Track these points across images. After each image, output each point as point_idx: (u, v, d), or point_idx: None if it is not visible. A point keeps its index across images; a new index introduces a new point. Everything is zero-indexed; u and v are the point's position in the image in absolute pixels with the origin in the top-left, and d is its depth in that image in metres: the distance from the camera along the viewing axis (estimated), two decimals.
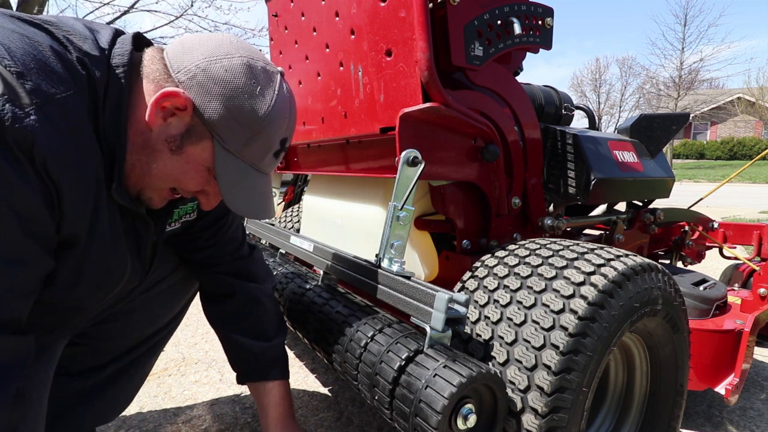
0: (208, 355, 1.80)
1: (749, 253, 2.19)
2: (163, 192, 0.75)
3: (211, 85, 0.66)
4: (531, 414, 0.72)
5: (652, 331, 0.98)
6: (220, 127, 0.68)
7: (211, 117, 0.67)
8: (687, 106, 24.45)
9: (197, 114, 0.67)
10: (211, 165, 0.71)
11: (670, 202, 1.86)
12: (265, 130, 0.71)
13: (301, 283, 1.21)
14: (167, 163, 0.70)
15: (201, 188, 0.76)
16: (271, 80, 0.72)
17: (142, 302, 1.00)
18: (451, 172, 1.05)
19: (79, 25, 0.67)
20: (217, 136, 0.68)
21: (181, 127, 0.68)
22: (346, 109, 1.15)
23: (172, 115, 0.67)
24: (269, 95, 0.70)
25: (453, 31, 0.96)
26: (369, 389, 0.81)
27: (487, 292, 0.87)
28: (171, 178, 0.72)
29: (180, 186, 0.74)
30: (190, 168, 0.71)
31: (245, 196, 0.75)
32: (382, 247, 0.91)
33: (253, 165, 0.74)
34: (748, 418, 1.44)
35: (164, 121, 0.67)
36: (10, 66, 0.54)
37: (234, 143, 0.70)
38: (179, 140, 0.68)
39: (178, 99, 0.65)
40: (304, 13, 1.28)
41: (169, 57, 0.68)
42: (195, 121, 0.68)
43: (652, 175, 1.52)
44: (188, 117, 0.67)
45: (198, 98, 0.66)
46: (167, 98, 0.65)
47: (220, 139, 0.69)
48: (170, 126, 0.67)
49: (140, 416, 1.35)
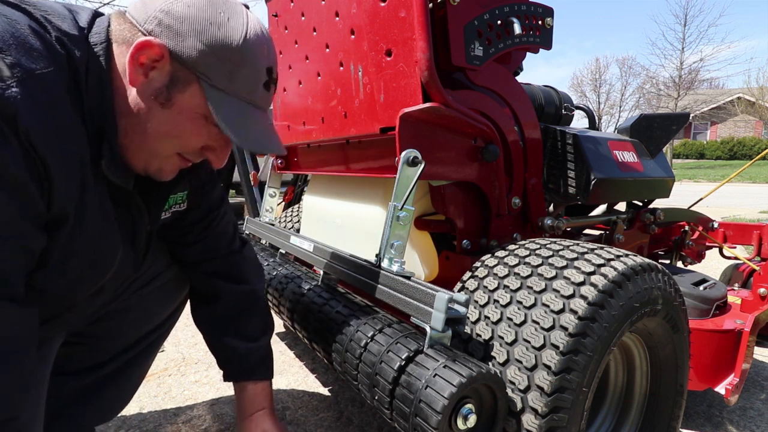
0: (208, 355, 1.79)
1: (749, 253, 2.19)
2: (170, 159, 0.74)
3: (179, 24, 0.65)
4: (531, 414, 0.72)
5: (652, 331, 0.98)
6: (201, 65, 0.66)
7: (189, 56, 0.65)
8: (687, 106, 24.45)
9: (175, 58, 0.65)
10: (205, 110, 0.69)
11: (670, 202, 1.86)
12: (246, 58, 0.69)
13: (301, 283, 1.21)
14: (161, 120, 0.68)
15: (204, 142, 0.74)
16: (237, 9, 0.70)
17: (137, 300, 1.00)
18: (451, 172, 1.05)
19: (59, 6, 0.67)
20: (201, 74, 0.67)
21: (163, 78, 0.66)
22: (346, 109, 1.15)
23: (152, 69, 0.65)
24: (239, 22, 0.68)
25: (453, 31, 0.96)
26: (369, 389, 0.81)
27: (487, 292, 0.87)
28: (171, 136, 0.70)
29: (182, 144, 0.72)
30: (185, 119, 0.69)
31: (250, 132, 0.72)
32: (382, 247, 0.91)
33: (246, 100, 0.72)
34: (748, 418, 1.44)
35: (146, 78, 0.65)
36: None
37: (220, 79, 0.68)
38: (166, 91, 0.67)
39: (152, 49, 0.64)
40: (304, 13, 1.28)
41: (131, 14, 0.67)
42: (175, 66, 0.66)
43: (652, 175, 1.52)
44: (167, 65, 0.66)
45: (170, 42, 0.65)
46: (141, 51, 0.64)
47: (205, 77, 0.67)
48: (153, 80, 0.66)
49: (140, 416, 1.35)
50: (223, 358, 1.08)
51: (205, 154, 0.76)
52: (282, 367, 1.71)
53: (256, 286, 1.11)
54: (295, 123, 1.43)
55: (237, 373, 1.06)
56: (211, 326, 1.08)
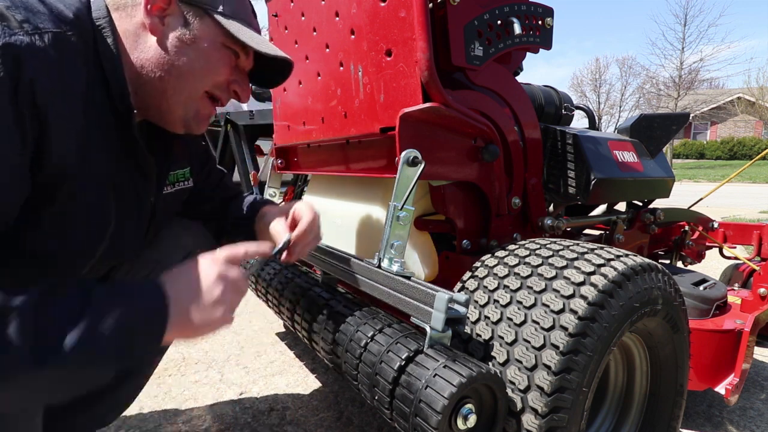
0: (208, 355, 1.80)
1: (749, 253, 2.19)
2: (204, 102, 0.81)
3: None
4: (531, 414, 0.72)
5: (652, 331, 0.98)
6: None
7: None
8: (687, 106, 24.46)
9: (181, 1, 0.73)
10: (223, 37, 0.77)
11: (670, 202, 1.86)
12: None
13: (301, 283, 1.21)
14: (191, 56, 0.75)
15: (229, 74, 0.81)
16: None
17: None
18: (451, 172, 1.05)
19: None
20: (209, 7, 0.75)
21: (179, 19, 0.73)
22: (346, 109, 1.15)
23: (165, 15, 0.72)
24: None
25: (453, 31, 0.96)
26: (369, 389, 0.81)
27: (487, 292, 0.87)
28: (202, 71, 0.77)
29: (213, 78, 0.79)
30: (209, 50, 0.76)
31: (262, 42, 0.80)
32: (382, 247, 0.91)
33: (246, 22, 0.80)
34: (748, 418, 1.44)
35: (163, 24, 0.72)
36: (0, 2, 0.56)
37: (225, 7, 0.76)
38: (186, 30, 0.74)
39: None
40: (304, 13, 1.28)
41: None
42: (183, 7, 0.74)
43: (652, 175, 1.52)
44: (176, 7, 0.73)
45: None
46: (150, 2, 0.70)
47: (212, 8, 0.75)
48: (169, 25, 0.73)
49: (140, 416, 1.35)
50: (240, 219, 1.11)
51: (232, 88, 0.84)
52: (282, 367, 1.71)
53: None
54: (295, 123, 1.43)
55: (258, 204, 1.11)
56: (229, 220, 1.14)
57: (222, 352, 1.84)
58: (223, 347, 1.89)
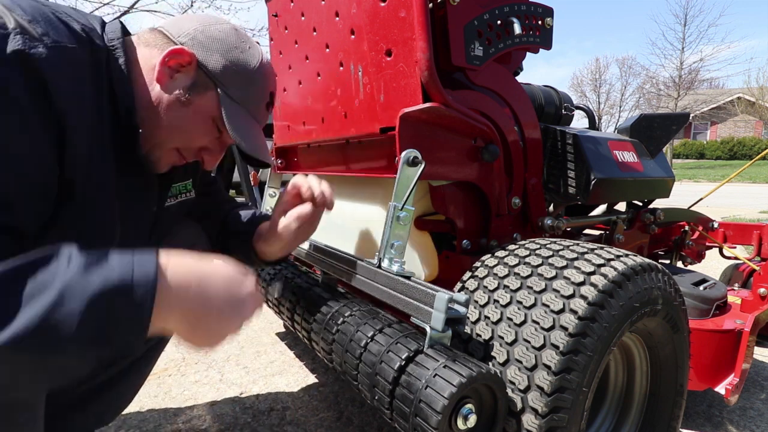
0: (208, 355, 1.80)
1: (749, 253, 2.19)
2: (170, 153, 0.81)
3: (210, 42, 0.77)
4: (531, 414, 0.72)
5: (652, 331, 0.98)
6: (223, 77, 0.78)
7: (214, 68, 0.77)
8: (687, 106, 24.45)
9: (201, 67, 0.76)
10: (216, 114, 0.79)
11: (670, 202, 1.86)
12: (257, 79, 0.82)
13: (301, 283, 1.21)
14: (177, 115, 0.77)
15: (206, 143, 0.83)
16: (254, 43, 0.84)
17: None
18: (451, 172, 1.05)
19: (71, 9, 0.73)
20: (220, 84, 0.78)
21: (187, 80, 0.76)
22: (346, 109, 1.15)
23: (178, 71, 0.75)
24: (257, 51, 0.83)
25: (453, 31, 0.96)
26: (369, 389, 0.81)
27: (487, 292, 0.87)
28: (179, 132, 0.79)
29: (186, 142, 0.81)
30: (198, 119, 0.78)
31: (251, 140, 0.82)
32: (382, 247, 0.91)
33: (251, 113, 0.83)
34: (748, 418, 1.44)
35: (171, 78, 0.75)
36: (22, 15, 0.59)
37: (235, 91, 0.79)
38: (187, 92, 0.76)
39: (184, 55, 0.74)
40: (304, 13, 1.28)
41: (166, 28, 0.78)
42: (199, 73, 0.77)
43: (652, 175, 1.52)
44: (193, 71, 0.76)
45: (200, 53, 0.76)
46: (173, 56, 0.74)
47: (223, 86, 0.78)
48: (177, 80, 0.75)
49: (140, 416, 1.35)
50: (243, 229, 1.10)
51: (201, 154, 0.85)
52: (282, 367, 1.71)
53: None
54: (295, 123, 1.43)
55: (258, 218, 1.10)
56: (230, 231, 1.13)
57: (222, 352, 1.84)
58: (222, 347, 1.89)
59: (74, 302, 0.48)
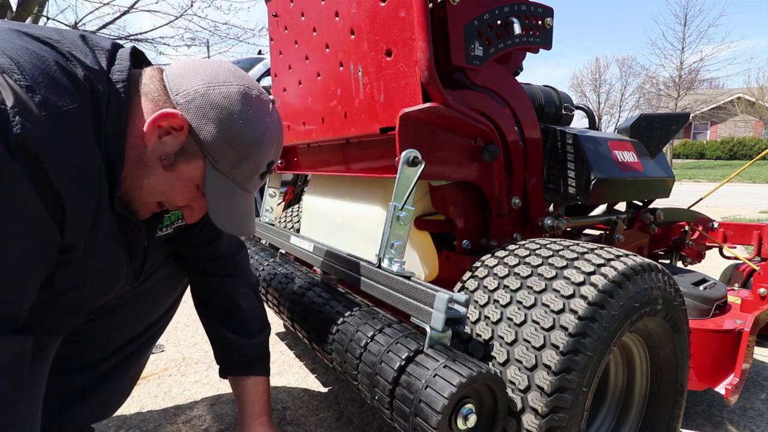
0: (208, 355, 1.80)
1: (749, 253, 2.19)
2: (149, 206, 0.79)
3: (209, 109, 0.70)
4: (531, 414, 0.72)
5: (652, 331, 0.98)
6: (213, 149, 0.72)
7: (205, 139, 0.71)
8: (687, 106, 24.44)
9: (192, 134, 0.71)
10: (200, 182, 0.75)
11: (670, 202, 1.86)
12: (255, 153, 0.76)
13: (301, 283, 1.21)
14: (159, 179, 0.73)
15: (187, 203, 0.80)
16: (264, 108, 0.77)
17: (132, 298, 1.00)
18: (451, 172, 1.05)
19: (78, 40, 0.69)
20: (210, 156, 0.73)
21: (175, 146, 0.71)
22: (346, 109, 1.15)
23: (168, 134, 0.70)
24: (262, 123, 0.75)
25: (453, 31, 0.96)
26: (369, 389, 0.81)
27: (487, 292, 0.87)
28: (160, 193, 0.75)
29: (168, 200, 0.78)
30: (180, 184, 0.75)
31: (229, 213, 0.79)
32: (382, 247, 0.91)
33: (240, 185, 0.78)
34: (748, 418, 1.44)
35: (159, 139, 0.70)
36: (20, 80, 0.56)
37: (225, 164, 0.74)
38: (173, 158, 0.72)
39: (176, 120, 0.69)
40: (304, 13, 1.28)
41: (168, 79, 0.72)
42: (189, 141, 0.71)
43: (652, 175, 1.52)
44: (183, 137, 0.71)
45: (195, 120, 0.70)
46: (165, 118, 0.69)
47: (212, 159, 0.73)
48: (165, 144, 0.71)
49: (140, 416, 1.35)
50: (222, 351, 1.10)
51: (183, 209, 0.82)
52: (282, 367, 1.71)
53: (253, 285, 1.15)
54: (295, 123, 1.43)
55: (235, 367, 1.08)
56: (211, 319, 1.11)
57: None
58: None
59: None
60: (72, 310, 0.80)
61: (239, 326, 1.09)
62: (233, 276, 1.10)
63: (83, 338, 0.99)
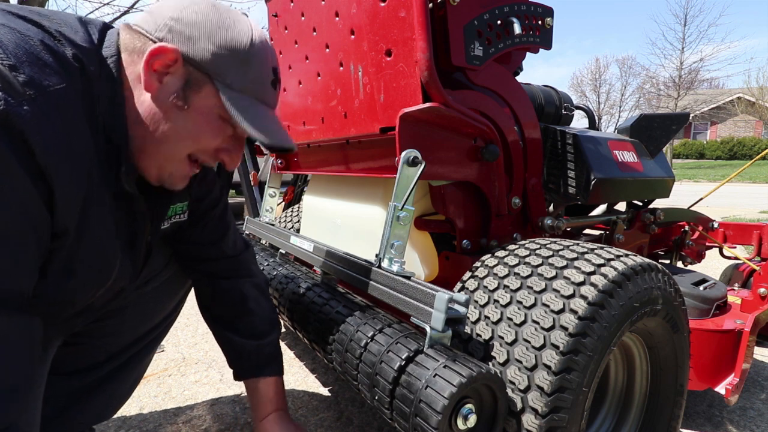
0: (208, 355, 1.80)
1: (749, 253, 2.19)
2: (182, 164, 0.75)
3: (190, 29, 0.67)
4: (531, 414, 0.72)
5: (652, 331, 0.98)
6: (214, 65, 0.69)
7: (202, 58, 0.68)
8: (687, 106, 24.45)
9: (188, 62, 0.68)
10: (221, 110, 0.71)
11: (670, 202, 1.86)
12: (254, 57, 0.72)
13: (301, 283, 1.21)
14: (179, 122, 0.70)
15: (219, 143, 0.75)
16: (240, 15, 0.73)
17: (135, 300, 0.99)
18: (451, 172, 1.05)
19: (71, 18, 0.68)
20: (215, 74, 0.69)
21: (179, 82, 0.68)
22: (346, 109, 1.15)
23: (166, 74, 0.67)
24: (244, 24, 0.72)
25: (453, 31, 0.96)
26: (369, 389, 0.81)
27: (487, 292, 0.87)
28: (188, 138, 0.72)
29: (198, 146, 0.74)
30: (202, 119, 0.71)
31: (268, 128, 0.74)
32: (382, 247, 0.91)
33: (258, 98, 0.74)
34: (748, 418, 1.44)
35: (160, 83, 0.68)
36: (3, 59, 0.54)
37: (232, 77, 0.70)
38: (182, 94, 0.69)
39: (166, 54, 0.66)
40: (304, 13, 1.28)
41: (139, 25, 0.69)
42: (189, 69, 0.68)
43: (652, 175, 1.52)
44: (181, 68, 0.68)
45: (183, 46, 0.67)
46: (155, 57, 0.66)
47: (218, 77, 0.69)
48: (168, 85, 0.68)
49: (140, 416, 1.35)
50: (233, 356, 1.09)
51: (219, 156, 0.78)
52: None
53: (261, 284, 1.12)
54: (295, 123, 1.43)
55: (247, 370, 1.07)
56: (218, 325, 1.10)
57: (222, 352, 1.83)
58: None
59: None
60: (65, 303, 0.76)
61: (248, 329, 1.06)
62: (239, 277, 1.08)
63: (85, 340, 0.98)
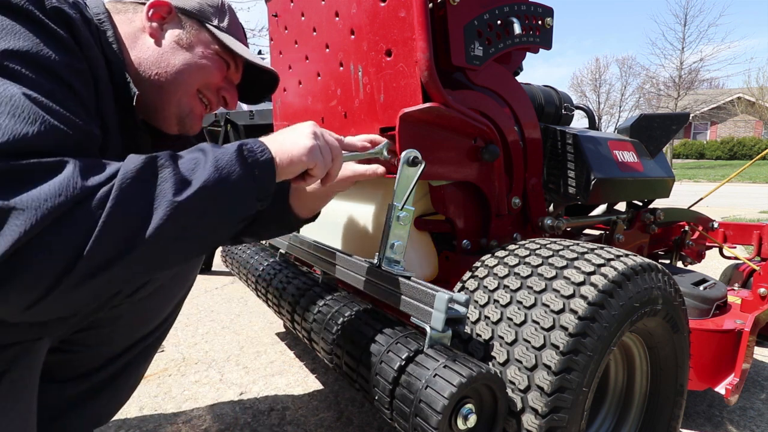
0: (208, 355, 1.80)
1: (749, 253, 2.19)
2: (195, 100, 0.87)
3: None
4: (531, 414, 0.72)
5: (652, 331, 0.98)
6: (201, 12, 0.84)
7: (192, 7, 0.84)
8: (687, 106, 24.46)
9: (180, 11, 0.83)
10: (217, 46, 0.85)
11: (670, 202, 1.86)
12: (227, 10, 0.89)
13: (301, 283, 1.21)
14: (186, 55, 0.83)
15: (220, 80, 0.88)
16: None
17: (129, 307, 0.96)
18: (451, 172, 1.05)
19: None
20: (206, 19, 0.85)
21: (176, 27, 0.82)
22: (346, 109, 1.15)
23: (164, 23, 0.81)
24: None
25: (453, 31, 0.96)
26: (369, 389, 0.81)
27: (487, 292, 0.87)
28: (196, 70, 0.84)
29: (207, 78, 0.86)
30: (205, 53, 0.84)
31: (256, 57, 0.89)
32: (382, 247, 0.91)
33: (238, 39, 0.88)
34: (748, 418, 1.44)
35: (162, 30, 0.81)
36: None
37: (217, 21, 0.86)
38: (183, 36, 0.82)
39: (162, 6, 0.80)
40: (304, 13, 1.28)
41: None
42: (182, 18, 0.83)
43: (652, 175, 1.52)
44: (176, 16, 0.82)
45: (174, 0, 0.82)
46: (154, 9, 0.79)
47: (207, 20, 0.85)
48: (168, 32, 0.81)
49: (140, 416, 1.35)
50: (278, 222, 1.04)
51: (221, 94, 0.91)
52: (282, 367, 1.71)
53: None
54: (295, 123, 1.43)
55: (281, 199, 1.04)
56: None
57: (222, 352, 1.84)
58: (223, 347, 1.89)
59: (226, 161, 0.63)
60: None
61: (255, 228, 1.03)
62: None
63: (79, 348, 0.95)
